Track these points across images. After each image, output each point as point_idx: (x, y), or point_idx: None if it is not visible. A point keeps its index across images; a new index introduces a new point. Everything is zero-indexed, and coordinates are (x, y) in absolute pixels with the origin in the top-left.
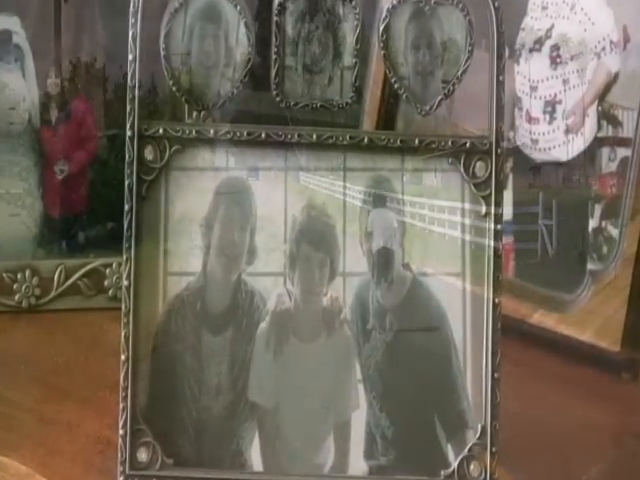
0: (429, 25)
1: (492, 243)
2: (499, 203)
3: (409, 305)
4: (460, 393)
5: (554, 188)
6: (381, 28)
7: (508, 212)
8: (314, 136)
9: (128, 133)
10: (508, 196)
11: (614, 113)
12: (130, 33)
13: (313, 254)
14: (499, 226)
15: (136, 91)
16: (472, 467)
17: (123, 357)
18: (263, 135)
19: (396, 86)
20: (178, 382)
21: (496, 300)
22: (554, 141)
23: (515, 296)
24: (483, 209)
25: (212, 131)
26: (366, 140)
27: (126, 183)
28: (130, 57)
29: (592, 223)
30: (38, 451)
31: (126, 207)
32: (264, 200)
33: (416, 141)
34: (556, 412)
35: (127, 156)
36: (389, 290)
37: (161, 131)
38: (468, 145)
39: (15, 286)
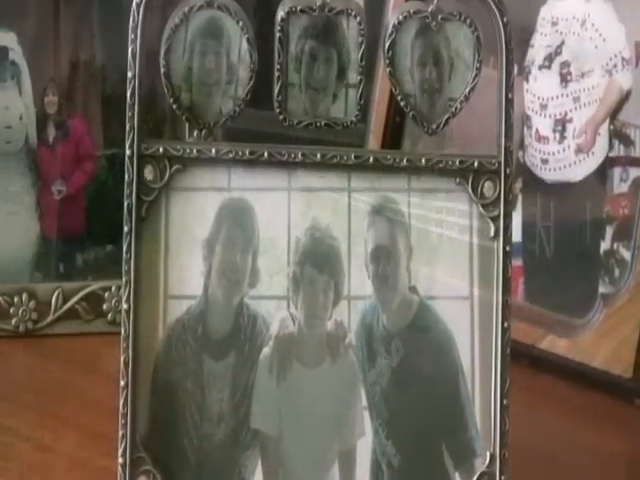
0: (436, 41)
1: (501, 265)
2: (508, 224)
3: (416, 329)
4: (468, 420)
5: (564, 209)
6: (387, 44)
7: (517, 234)
8: (318, 155)
9: (127, 152)
10: (517, 217)
11: (626, 132)
12: (129, 49)
13: (317, 277)
14: (508, 248)
15: (135, 109)
16: None
17: (122, 383)
18: (266, 154)
19: (402, 104)
20: (179, 409)
21: (505, 324)
22: (564, 161)
23: (525, 320)
24: (492, 230)
25: (213, 150)
26: (371, 159)
27: (125, 204)
28: (129, 74)
29: (603, 245)
30: None
31: (125, 228)
32: (267, 221)
33: (423, 160)
34: (567, 440)
35: (126, 176)
36: (395, 314)
37: (161, 150)
38: (476, 165)
39: (12, 310)
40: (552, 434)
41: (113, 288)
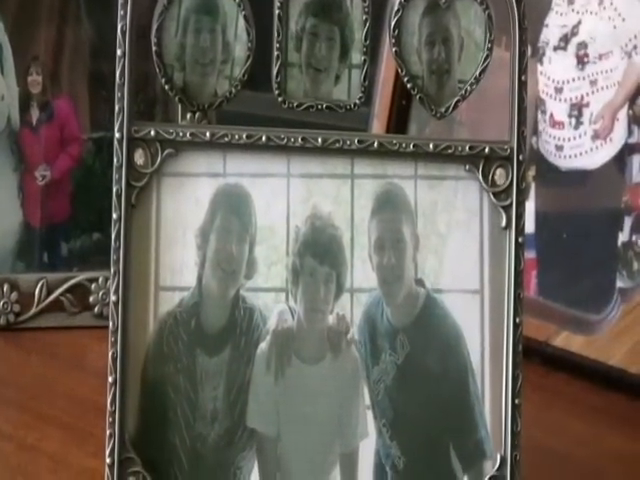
0: (445, 20)
1: (513, 257)
2: (521, 214)
3: (422, 324)
4: (477, 420)
5: (580, 199)
6: (393, 23)
7: (530, 224)
8: (319, 140)
9: (116, 135)
10: (530, 207)
11: None
12: (119, 26)
13: (318, 268)
14: (521, 239)
15: (125, 90)
16: None
17: (110, 379)
18: (264, 138)
19: (409, 86)
20: (170, 407)
21: (517, 320)
22: (580, 147)
23: (538, 316)
24: (503, 221)
25: (208, 134)
26: (376, 144)
27: (114, 190)
28: (119, 52)
29: (621, 237)
30: None
31: (114, 216)
32: (265, 209)
33: (430, 146)
34: (582, 442)
35: (115, 160)
36: (400, 308)
37: (152, 133)
38: (487, 151)
39: None
40: (566, 436)
41: (100, 279)
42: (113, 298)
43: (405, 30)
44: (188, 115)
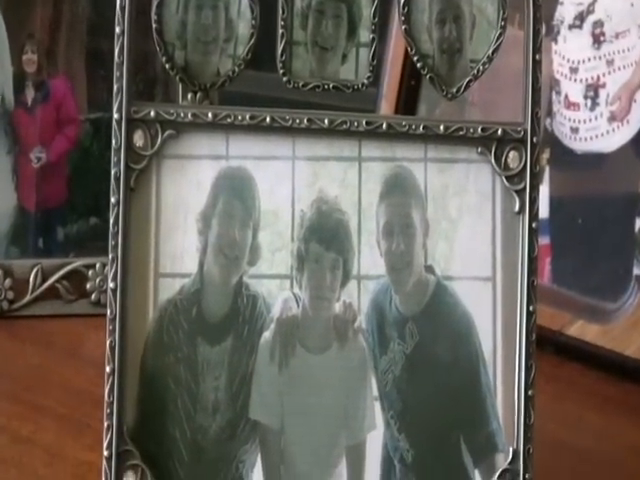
0: None
1: (526, 244)
2: (534, 198)
3: (432, 313)
4: (489, 412)
5: (596, 183)
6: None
7: (544, 209)
8: (326, 121)
9: (115, 116)
10: (544, 191)
11: None
12: (118, 2)
13: (324, 254)
14: (534, 224)
15: (124, 69)
16: None
17: (108, 369)
18: (268, 119)
19: (418, 65)
20: (170, 398)
21: (531, 308)
22: (596, 130)
23: (552, 304)
24: (516, 205)
25: (210, 114)
26: (384, 126)
27: (112, 172)
28: (118, 30)
29: (639, 222)
30: (11, 474)
31: (112, 200)
32: (269, 193)
33: (441, 127)
34: (598, 435)
35: (114, 142)
36: (409, 296)
37: (152, 114)
38: (500, 133)
39: None
40: (581, 428)
41: (98, 265)
42: (111, 285)
43: (415, 7)
44: (189, 95)
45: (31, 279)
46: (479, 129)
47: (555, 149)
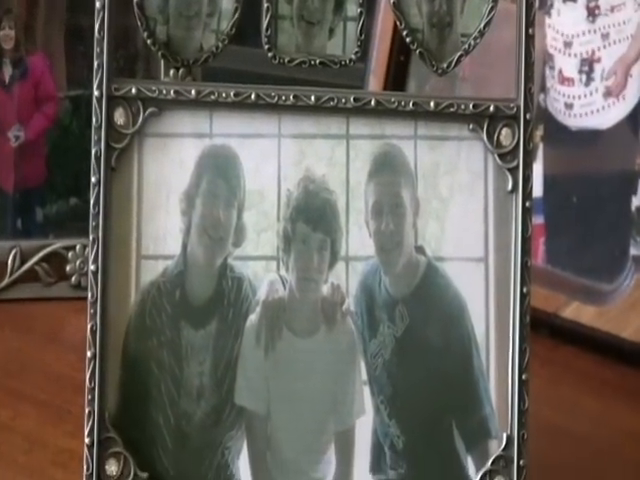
0: None
1: (520, 223)
2: (528, 177)
3: (423, 294)
4: (482, 397)
5: (591, 160)
6: None
7: (538, 188)
8: (312, 98)
9: (95, 93)
10: (538, 169)
11: None
12: None
13: (311, 235)
14: (528, 203)
15: (105, 44)
16: None
17: (89, 354)
18: (253, 96)
19: (408, 40)
20: (153, 383)
21: (524, 290)
22: (591, 105)
23: (546, 285)
24: (509, 184)
25: (193, 91)
26: (373, 103)
27: (93, 152)
28: (98, 5)
29: (635, 201)
30: None
31: (93, 179)
32: (254, 172)
33: (431, 104)
34: (594, 419)
35: (94, 120)
36: (399, 277)
37: (134, 91)
38: (492, 109)
39: None
40: (577, 412)
41: (78, 247)
42: (92, 267)
43: None
44: (172, 72)
45: (9, 261)
46: (470, 105)
47: (549, 126)
